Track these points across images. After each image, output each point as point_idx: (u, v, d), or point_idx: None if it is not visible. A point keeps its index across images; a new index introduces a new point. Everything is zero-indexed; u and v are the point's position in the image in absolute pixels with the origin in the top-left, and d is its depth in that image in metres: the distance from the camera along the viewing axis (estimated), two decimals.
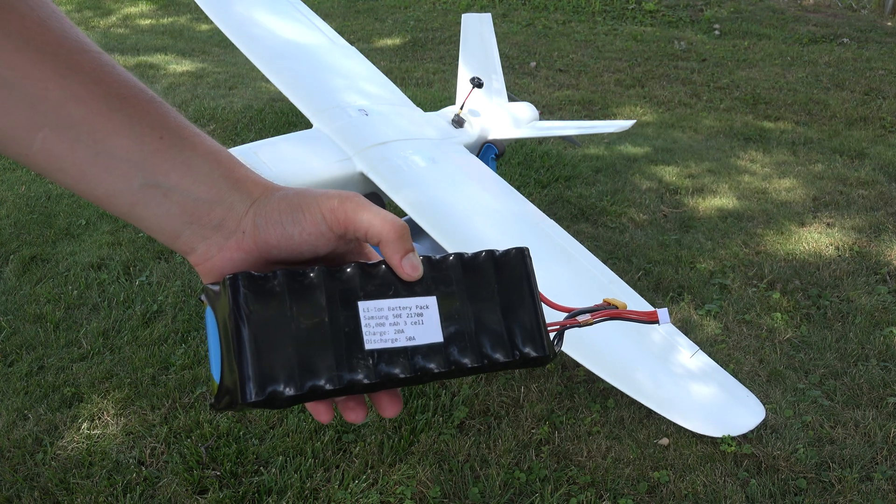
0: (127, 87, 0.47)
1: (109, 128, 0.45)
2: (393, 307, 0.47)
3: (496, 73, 2.96)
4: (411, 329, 0.47)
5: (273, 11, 2.68)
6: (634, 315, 0.54)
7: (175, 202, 0.47)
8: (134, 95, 0.47)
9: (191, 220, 0.48)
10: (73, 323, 2.46)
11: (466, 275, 0.49)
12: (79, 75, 0.45)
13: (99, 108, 0.45)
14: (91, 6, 7.53)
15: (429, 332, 0.47)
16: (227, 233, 0.49)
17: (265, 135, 3.99)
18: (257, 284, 0.45)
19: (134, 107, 0.46)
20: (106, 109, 0.45)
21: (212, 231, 0.48)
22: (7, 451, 1.95)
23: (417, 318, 0.47)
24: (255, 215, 0.48)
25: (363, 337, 0.46)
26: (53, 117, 0.44)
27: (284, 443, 1.98)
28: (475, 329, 0.49)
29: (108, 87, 0.46)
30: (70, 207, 3.22)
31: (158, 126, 0.47)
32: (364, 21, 7.12)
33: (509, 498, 1.85)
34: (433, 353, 0.47)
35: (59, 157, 0.45)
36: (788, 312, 2.63)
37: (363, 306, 0.47)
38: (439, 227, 2.01)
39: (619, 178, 3.73)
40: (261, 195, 0.49)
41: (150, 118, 0.47)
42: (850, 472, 1.93)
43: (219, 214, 0.48)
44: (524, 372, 2.30)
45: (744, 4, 7.68)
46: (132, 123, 0.46)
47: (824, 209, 3.46)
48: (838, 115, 4.91)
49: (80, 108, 0.45)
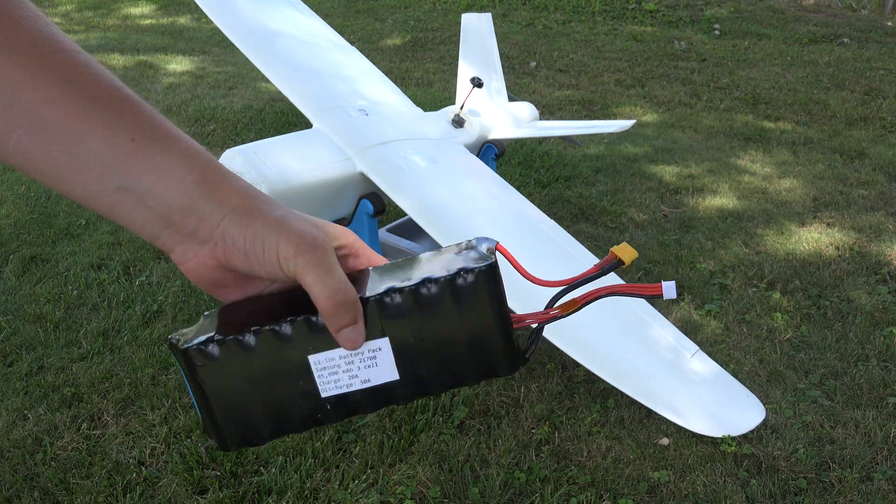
0: (101, 87, 0.46)
1: (82, 129, 0.45)
2: (344, 355, 0.47)
3: (496, 73, 2.96)
4: (365, 373, 0.47)
5: (273, 11, 2.68)
6: (636, 290, 0.50)
7: (149, 207, 0.47)
8: (107, 95, 0.46)
9: (166, 224, 0.48)
10: (73, 323, 2.46)
11: (422, 309, 0.47)
12: (51, 75, 0.44)
13: (72, 109, 0.45)
14: (91, 6, 7.53)
15: (383, 372, 0.48)
16: (201, 241, 0.48)
17: (265, 135, 3.99)
18: (206, 355, 0.47)
19: (106, 107, 0.46)
20: (79, 111, 0.45)
21: (187, 237, 0.48)
22: (7, 451, 1.95)
23: (371, 361, 0.47)
24: (225, 233, 0.47)
25: (318, 387, 0.47)
26: (27, 119, 0.44)
27: (284, 443, 1.98)
28: (435, 361, 0.48)
29: (81, 88, 0.45)
30: (70, 207, 3.22)
31: (131, 127, 0.46)
32: (364, 21, 7.12)
33: (509, 498, 1.85)
34: (391, 388, 0.48)
35: (34, 158, 0.45)
36: (788, 312, 2.63)
37: (313, 360, 0.47)
38: (439, 227, 2.01)
39: (619, 178, 3.73)
40: (238, 206, 0.47)
41: (123, 119, 0.46)
42: (850, 472, 1.93)
43: (192, 223, 0.47)
44: (524, 372, 2.30)
45: (744, 4, 7.68)
46: (104, 125, 0.45)
47: (824, 209, 3.46)
48: (838, 115, 4.91)
49: (53, 109, 0.44)
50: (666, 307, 2.63)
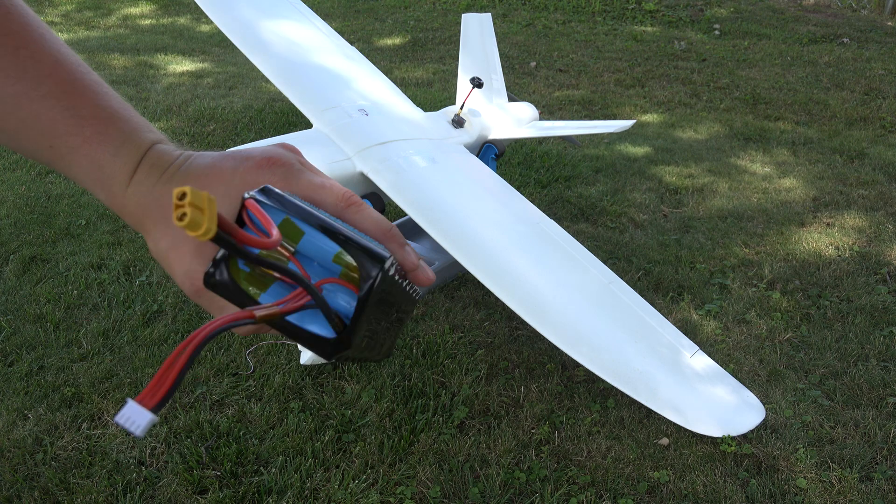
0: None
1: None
2: None
3: (496, 73, 2.96)
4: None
5: (273, 11, 2.68)
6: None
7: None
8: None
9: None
10: (73, 323, 2.46)
11: None
12: None
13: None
14: (91, 6, 7.53)
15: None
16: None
17: (265, 135, 3.99)
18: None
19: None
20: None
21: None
22: (7, 451, 1.95)
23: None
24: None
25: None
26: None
27: (284, 443, 1.98)
28: None
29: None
30: (70, 207, 3.22)
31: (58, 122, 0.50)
32: (364, 21, 7.12)
33: (509, 498, 1.85)
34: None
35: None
36: (788, 312, 2.63)
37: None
38: (439, 227, 2.01)
39: (619, 178, 3.73)
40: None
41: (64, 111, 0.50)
42: (850, 472, 1.93)
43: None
44: (524, 372, 2.30)
45: (744, 4, 7.68)
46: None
47: (824, 209, 3.46)
48: (838, 115, 4.91)
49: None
50: (666, 307, 2.63)
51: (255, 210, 0.45)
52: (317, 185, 0.49)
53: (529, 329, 2.43)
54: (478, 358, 2.34)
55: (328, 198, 0.49)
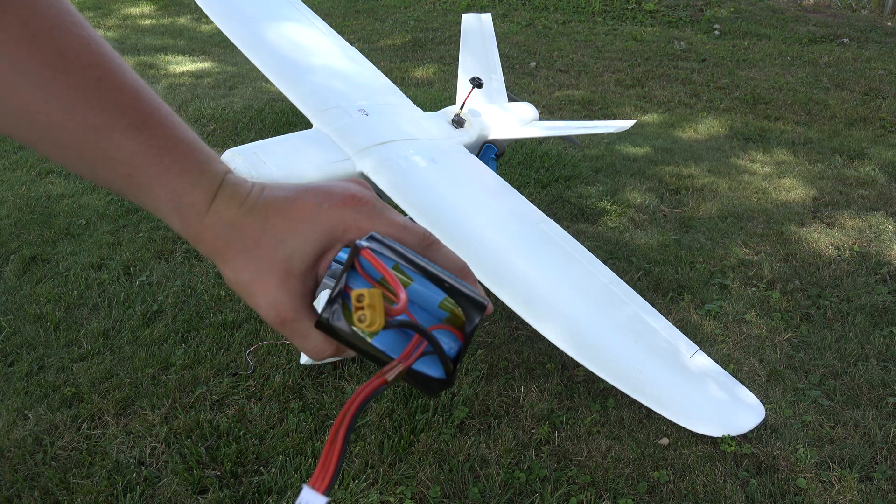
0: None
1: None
2: None
3: (496, 73, 2.97)
4: None
5: (273, 11, 2.68)
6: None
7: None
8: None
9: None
10: (74, 323, 2.46)
11: None
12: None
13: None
14: (91, 6, 7.53)
15: None
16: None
17: (265, 135, 3.99)
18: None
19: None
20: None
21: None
22: (7, 451, 1.95)
23: None
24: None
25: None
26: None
27: (284, 443, 1.98)
28: None
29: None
30: (70, 207, 3.22)
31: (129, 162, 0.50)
32: (364, 21, 7.12)
33: (509, 498, 1.85)
34: None
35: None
36: (788, 312, 2.63)
37: None
38: (439, 227, 2.01)
39: (619, 178, 3.73)
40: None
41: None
42: (850, 472, 1.94)
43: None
44: (524, 372, 2.30)
45: (744, 4, 7.68)
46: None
47: (824, 209, 3.46)
48: (838, 115, 4.91)
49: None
50: (666, 307, 2.63)
51: (372, 260, 0.47)
52: (400, 225, 0.51)
53: (529, 329, 2.43)
54: (478, 358, 2.34)
55: (410, 238, 0.50)
